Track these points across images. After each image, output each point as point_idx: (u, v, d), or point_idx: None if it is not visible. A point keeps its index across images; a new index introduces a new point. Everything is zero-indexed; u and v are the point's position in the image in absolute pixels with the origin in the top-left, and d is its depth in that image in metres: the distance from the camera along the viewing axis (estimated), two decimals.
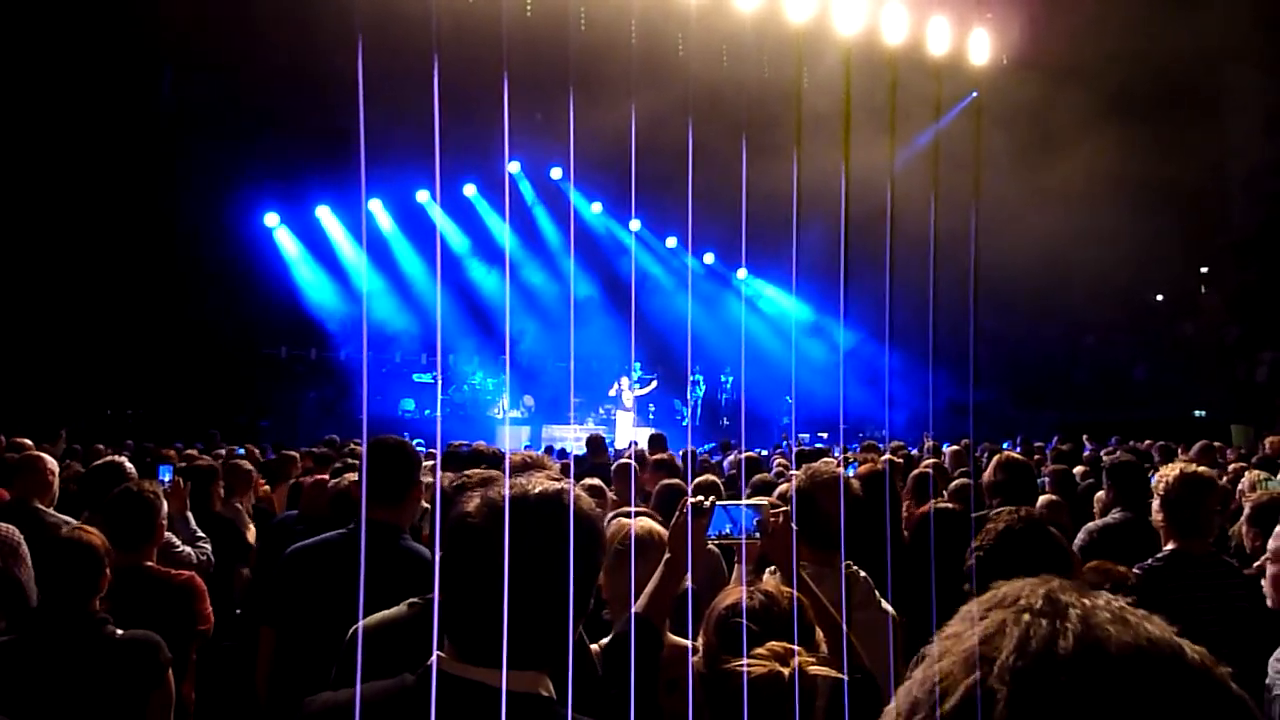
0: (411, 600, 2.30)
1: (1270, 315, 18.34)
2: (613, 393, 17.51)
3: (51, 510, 4.56)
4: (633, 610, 2.13)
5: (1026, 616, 0.74)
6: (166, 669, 2.79)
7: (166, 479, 5.00)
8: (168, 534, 4.27)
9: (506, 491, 1.42)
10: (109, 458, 5.31)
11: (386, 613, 2.26)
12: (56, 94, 13.92)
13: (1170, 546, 3.33)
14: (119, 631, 2.76)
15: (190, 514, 4.71)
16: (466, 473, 2.41)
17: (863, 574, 3.01)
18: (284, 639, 3.06)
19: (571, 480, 1.52)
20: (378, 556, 2.90)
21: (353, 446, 8.72)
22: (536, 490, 1.45)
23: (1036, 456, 9.00)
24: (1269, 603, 2.56)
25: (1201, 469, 3.44)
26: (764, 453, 11.33)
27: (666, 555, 2.23)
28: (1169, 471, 3.39)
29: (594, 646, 2.58)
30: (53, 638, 2.69)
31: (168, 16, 13.20)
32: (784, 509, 2.39)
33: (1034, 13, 16.74)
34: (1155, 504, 3.42)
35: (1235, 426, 14.94)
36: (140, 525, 3.43)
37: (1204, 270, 20.83)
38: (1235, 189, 19.02)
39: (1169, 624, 0.77)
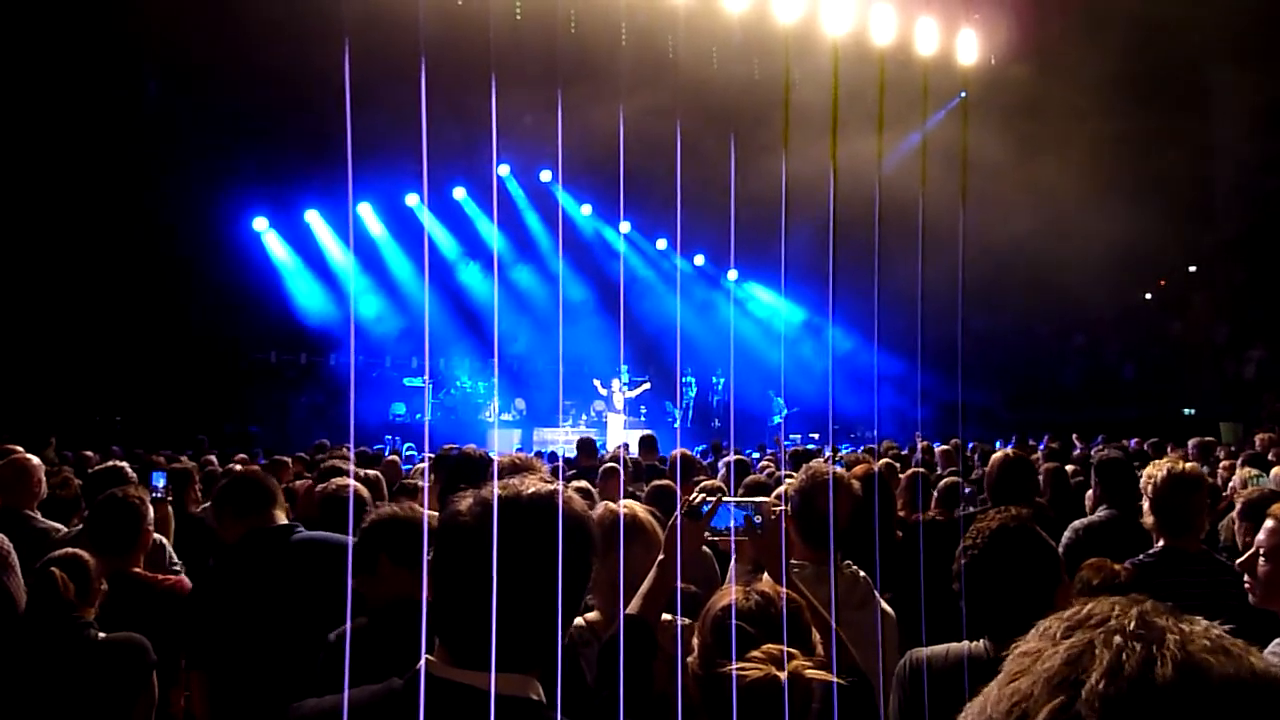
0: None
1: (1258, 313, 18.46)
2: (604, 393, 17.50)
3: (39, 515, 4.53)
4: (623, 611, 2.12)
5: (1118, 639, 0.68)
6: (151, 672, 2.76)
7: (160, 485, 4.98)
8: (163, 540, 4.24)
9: (495, 492, 1.41)
10: (111, 463, 5.29)
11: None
12: (43, 99, 13.84)
13: (1161, 544, 3.33)
14: (102, 635, 2.73)
15: (168, 545, 4.45)
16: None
17: (862, 574, 3.00)
18: (216, 678, 3.05)
19: (561, 482, 1.51)
20: (276, 558, 2.88)
21: (344, 451, 8.67)
22: (529, 491, 1.44)
23: (1034, 455, 9.00)
24: (1251, 599, 2.56)
25: (1189, 466, 3.42)
26: (755, 455, 11.32)
27: (661, 556, 2.23)
28: (1156, 471, 3.38)
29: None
30: (35, 641, 2.67)
31: (153, 21, 13.14)
32: (781, 508, 2.38)
33: (1021, 12, 16.81)
34: (1145, 504, 3.41)
35: (1224, 424, 15.02)
36: (125, 530, 3.40)
37: (1192, 269, 20.94)
38: (1223, 188, 19.15)
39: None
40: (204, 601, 3.05)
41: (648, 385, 17.74)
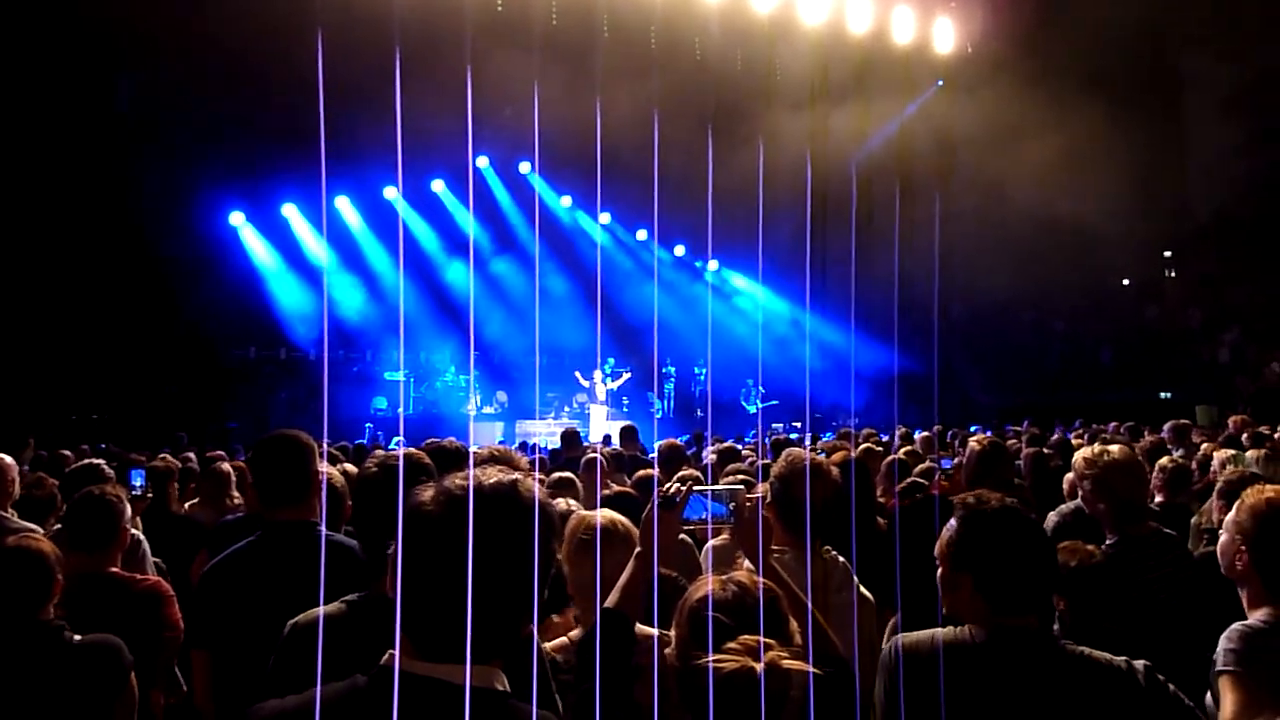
0: (345, 597, 2.26)
1: (1232, 297, 18.65)
2: (585, 385, 17.50)
3: (14, 516, 4.48)
4: (598, 605, 2.11)
5: None
6: (129, 673, 2.72)
7: (139, 484, 4.93)
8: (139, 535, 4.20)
9: (471, 483, 1.40)
10: (86, 461, 5.22)
11: (322, 609, 2.21)
12: (17, 96, 13.65)
13: (1115, 536, 3.33)
14: (77, 637, 2.69)
15: (145, 542, 4.38)
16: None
17: (841, 559, 3.02)
18: (219, 659, 2.92)
19: (536, 474, 1.50)
20: (299, 555, 2.79)
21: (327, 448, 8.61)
22: (490, 481, 1.43)
23: (1010, 441, 9.06)
24: (1222, 569, 2.59)
25: (1117, 449, 3.42)
26: (739, 447, 11.32)
27: (637, 549, 2.22)
28: (1092, 460, 3.36)
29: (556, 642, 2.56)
30: (6, 647, 2.62)
31: (126, 16, 12.98)
32: (755, 496, 2.38)
33: (996, 1, 16.86)
34: (1091, 497, 3.39)
35: (1200, 407, 15.15)
36: (102, 529, 3.36)
37: (1168, 254, 21.13)
38: (1197, 174, 19.31)
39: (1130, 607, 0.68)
40: (218, 580, 2.93)
41: (628, 375, 17.73)
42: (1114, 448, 3.43)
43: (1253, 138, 16.77)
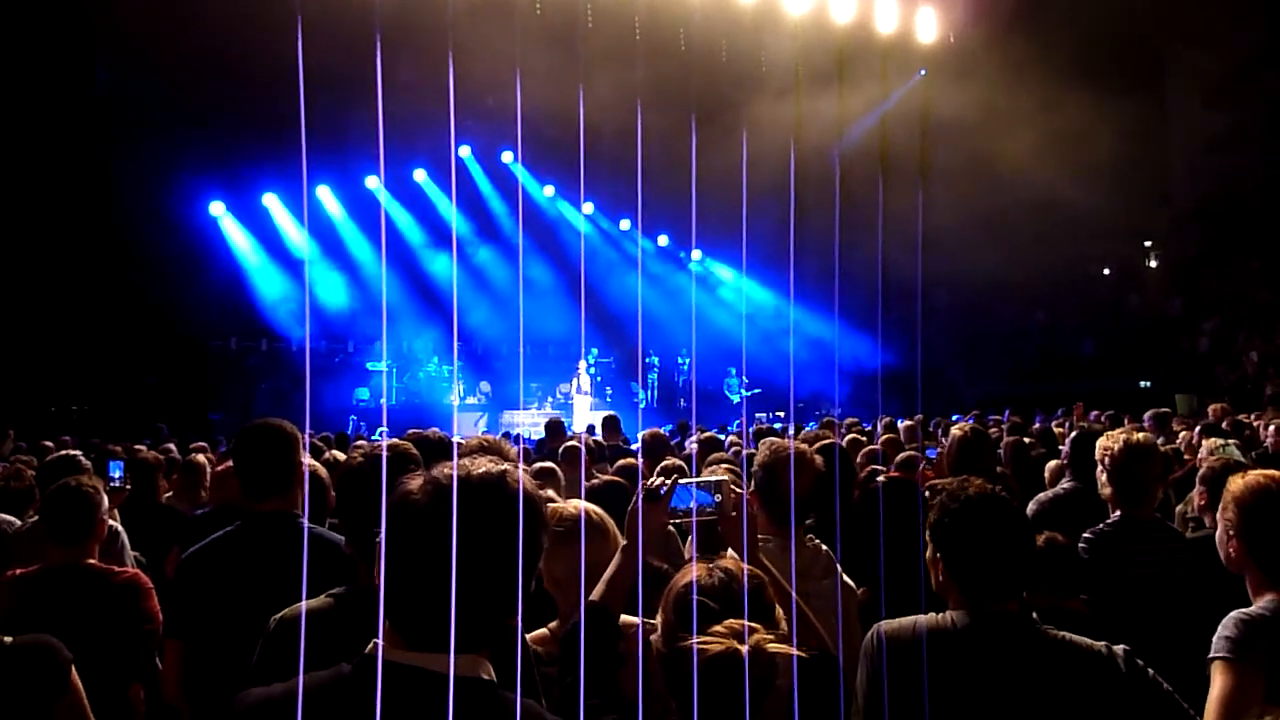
0: (332, 591, 2.25)
1: (1212, 286, 18.80)
2: (567, 389, 17.51)
3: None
4: (583, 598, 2.11)
5: None
6: (68, 674, 2.55)
7: (117, 475, 4.89)
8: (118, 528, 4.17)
9: (455, 473, 1.40)
10: (64, 452, 5.17)
11: (307, 603, 2.18)
12: None
13: (1118, 514, 3.41)
14: (8, 639, 2.51)
15: (124, 534, 4.32)
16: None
17: (824, 547, 3.02)
18: (193, 649, 2.87)
19: (520, 463, 1.50)
20: (280, 546, 2.75)
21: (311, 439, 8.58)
22: (478, 471, 1.43)
23: (992, 430, 9.11)
24: (1223, 562, 2.60)
25: (1143, 436, 3.50)
26: (721, 437, 11.34)
27: (623, 542, 2.21)
28: (1113, 442, 3.44)
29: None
30: None
31: (105, 3, 12.83)
32: (742, 488, 2.39)
33: None
34: (1100, 473, 3.48)
35: (1179, 396, 15.28)
36: (79, 521, 3.31)
37: (1148, 243, 21.28)
38: (1178, 162, 19.44)
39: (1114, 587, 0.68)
40: (195, 569, 2.89)
41: (598, 379, 17.84)
42: (1140, 435, 3.51)
43: (1235, 126, 16.88)
